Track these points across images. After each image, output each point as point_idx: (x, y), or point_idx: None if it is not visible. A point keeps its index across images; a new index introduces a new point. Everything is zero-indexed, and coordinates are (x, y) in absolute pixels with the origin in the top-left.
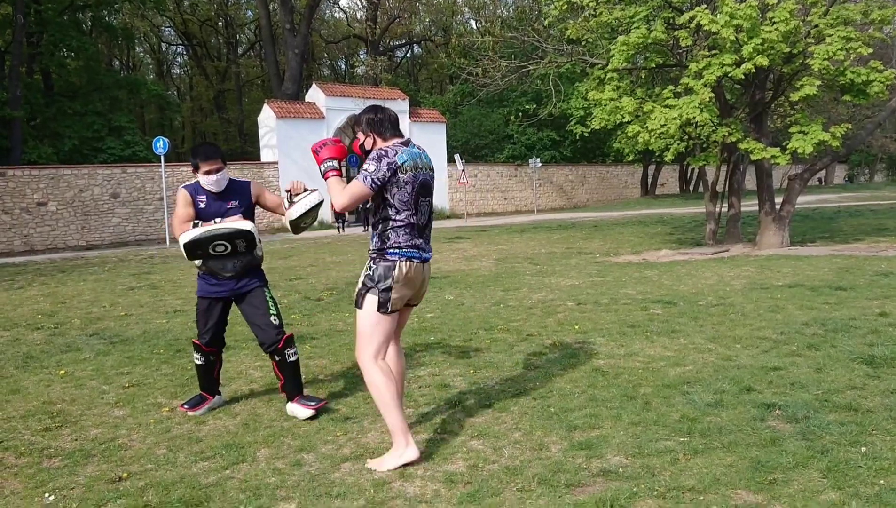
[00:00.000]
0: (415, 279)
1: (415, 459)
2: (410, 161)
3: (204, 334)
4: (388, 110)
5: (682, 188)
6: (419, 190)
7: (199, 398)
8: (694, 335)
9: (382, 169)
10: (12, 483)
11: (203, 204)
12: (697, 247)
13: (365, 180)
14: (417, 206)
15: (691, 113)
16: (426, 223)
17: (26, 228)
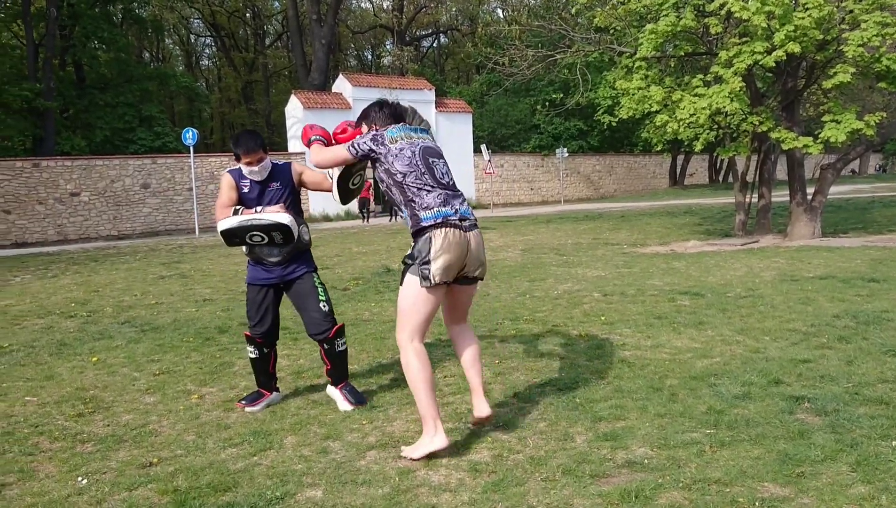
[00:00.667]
0: (459, 246)
1: (443, 447)
2: (401, 132)
3: (255, 324)
4: (395, 105)
5: (712, 178)
6: (423, 152)
7: (257, 394)
8: (722, 327)
9: (366, 139)
10: (47, 467)
11: (246, 189)
12: (726, 238)
13: (347, 146)
14: (428, 167)
15: (721, 102)
16: (451, 184)
17: (60, 218)
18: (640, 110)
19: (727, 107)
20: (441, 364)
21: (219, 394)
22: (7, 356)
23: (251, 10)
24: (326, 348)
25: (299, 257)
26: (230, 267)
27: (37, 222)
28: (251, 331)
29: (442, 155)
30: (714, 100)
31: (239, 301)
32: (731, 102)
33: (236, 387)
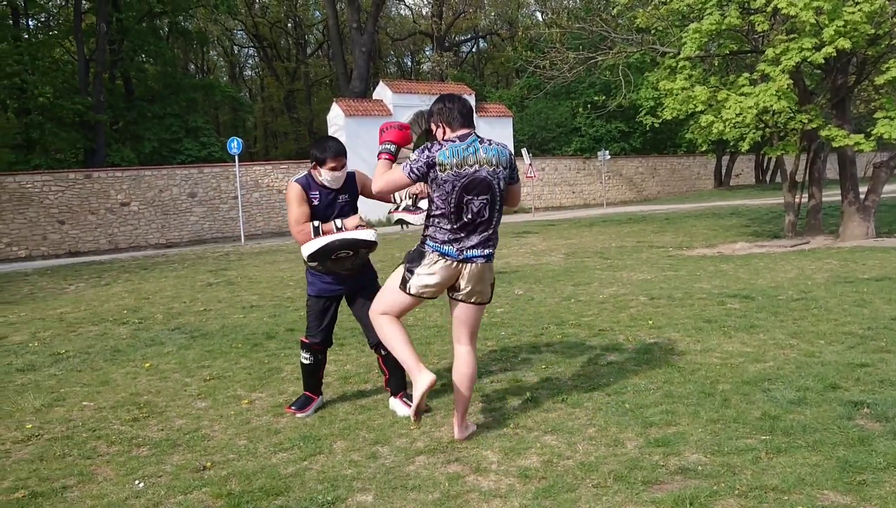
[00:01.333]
0: (446, 276)
1: (430, 381)
2: (453, 159)
3: (316, 333)
4: (459, 101)
5: (758, 179)
6: (464, 189)
7: (305, 398)
8: (774, 331)
9: (421, 161)
10: (105, 471)
11: (316, 200)
12: (776, 239)
13: (404, 169)
14: (461, 205)
15: (768, 101)
16: (478, 223)
17: (111, 227)
18: (684, 111)
19: (774, 105)
20: (486, 369)
21: (268, 399)
22: (64, 361)
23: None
24: (384, 354)
25: (365, 266)
26: (276, 274)
27: (89, 232)
28: (310, 338)
29: (490, 187)
30: (761, 98)
31: (285, 307)
32: (778, 101)
33: (285, 392)
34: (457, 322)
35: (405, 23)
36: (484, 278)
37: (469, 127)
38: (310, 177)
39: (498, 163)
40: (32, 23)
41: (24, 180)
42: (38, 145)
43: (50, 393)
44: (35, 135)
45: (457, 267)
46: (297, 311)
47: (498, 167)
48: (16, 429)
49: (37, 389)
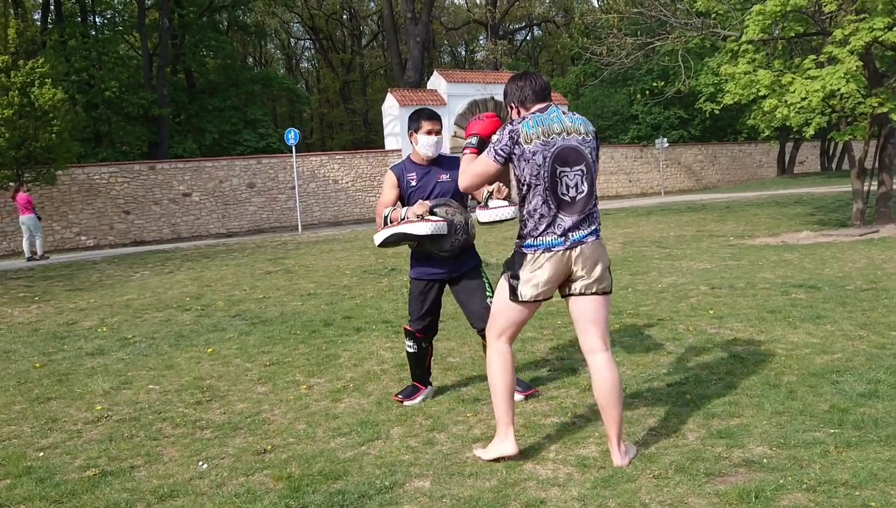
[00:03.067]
0: (557, 269)
1: (511, 454)
2: (538, 127)
3: (417, 319)
4: (531, 78)
5: (824, 166)
6: (555, 159)
7: (413, 388)
8: (842, 322)
9: (504, 139)
10: (170, 451)
11: (414, 181)
12: (842, 228)
13: (489, 154)
14: (555, 179)
15: (836, 84)
16: (577, 198)
17: (173, 217)
18: (747, 96)
19: (843, 88)
20: (542, 358)
21: (326, 385)
22: (131, 346)
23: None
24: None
25: (467, 251)
26: (332, 262)
27: (153, 222)
28: (412, 325)
29: (582, 156)
30: (828, 81)
31: (342, 295)
32: (846, 84)
33: (342, 378)
34: (583, 324)
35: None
36: (600, 260)
37: (546, 101)
38: (407, 161)
39: (587, 131)
40: (99, 20)
41: (92, 172)
42: (105, 138)
43: (118, 376)
44: (103, 128)
45: (566, 255)
46: (353, 299)
47: (587, 135)
48: (86, 410)
49: (105, 372)
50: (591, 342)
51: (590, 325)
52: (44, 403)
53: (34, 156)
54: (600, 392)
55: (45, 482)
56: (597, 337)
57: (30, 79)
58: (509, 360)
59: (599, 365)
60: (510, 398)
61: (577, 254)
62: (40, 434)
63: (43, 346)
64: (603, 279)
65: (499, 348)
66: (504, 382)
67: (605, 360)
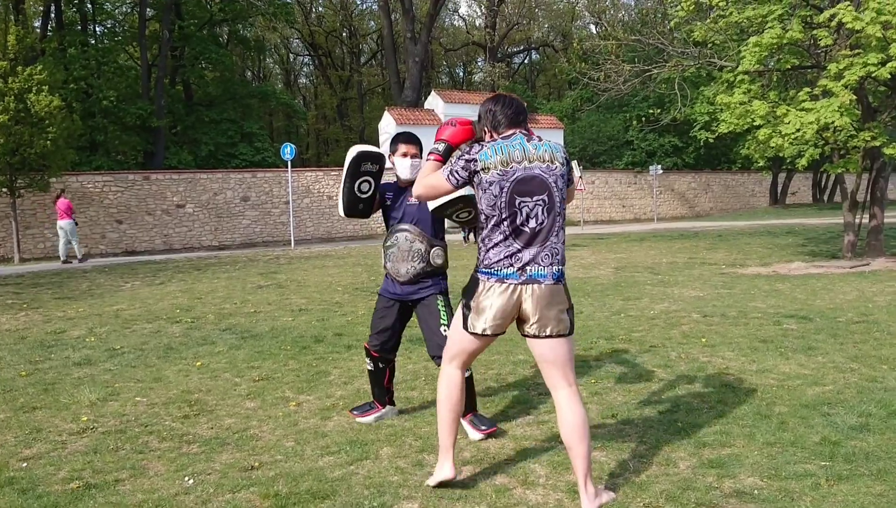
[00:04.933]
0: (504, 304)
1: (449, 478)
2: (496, 156)
3: (375, 335)
4: (505, 101)
5: (816, 197)
6: (513, 189)
7: (369, 405)
8: (833, 353)
9: (460, 164)
10: (156, 465)
11: (389, 201)
12: (834, 260)
13: (444, 172)
14: (513, 209)
15: (830, 116)
16: (537, 229)
17: (166, 228)
18: (742, 125)
19: (837, 121)
20: (534, 381)
21: (316, 402)
22: (119, 357)
23: (348, 29)
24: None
25: (428, 278)
26: (324, 278)
27: (145, 232)
28: (369, 342)
29: (545, 186)
30: (822, 114)
31: (333, 312)
32: (840, 117)
33: (332, 396)
34: (542, 364)
35: (458, 33)
36: (553, 302)
37: (517, 127)
38: (395, 181)
39: (552, 158)
40: (100, 29)
41: (86, 180)
42: (101, 147)
43: (105, 387)
44: (99, 137)
45: (517, 291)
46: (344, 316)
47: (553, 163)
48: (72, 421)
49: (92, 383)
50: (553, 380)
51: (548, 365)
52: (29, 412)
53: (28, 162)
54: (564, 430)
55: (28, 493)
56: (558, 377)
57: (27, 85)
58: (457, 386)
59: (562, 402)
60: (452, 424)
61: (529, 294)
62: (24, 444)
63: (29, 354)
64: (560, 322)
65: (448, 373)
66: (447, 407)
67: (568, 396)
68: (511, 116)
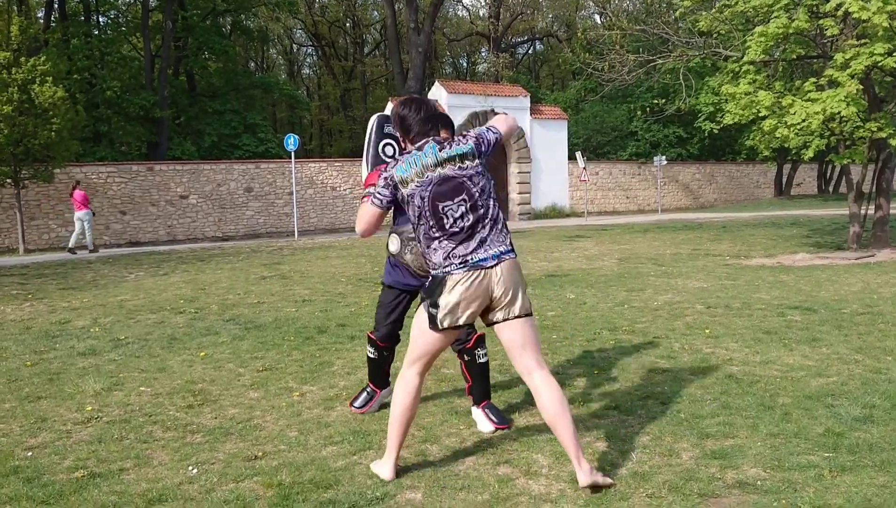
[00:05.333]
0: (475, 293)
1: (386, 479)
2: (412, 169)
3: (382, 327)
4: (415, 106)
5: (821, 189)
6: (433, 197)
7: (368, 395)
8: (838, 345)
9: (379, 185)
10: (160, 455)
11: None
12: (839, 251)
13: (371, 199)
14: (438, 215)
15: (836, 107)
16: (465, 227)
17: (170, 219)
18: (747, 116)
19: (843, 111)
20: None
21: (319, 392)
22: (124, 347)
23: (351, 19)
24: (466, 359)
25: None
26: (328, 269)
27: (149, 223)
28: (376, 334)
29: (462, 186)
30: (828, 104)
31: (336, 303)
32: (846, 107)
33: (335, 386)
34: (513, 350)
35: (462, 24)
36: (517, 282)
37: (430, 134)
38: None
39: (463, 157)
40: (103, 19)
41: (90, 172)
42: (104, 138)
43: (109, 377)
44: (103, 128)
45: (486, 276)
46: (347, 307)
47: (464, 162)
48: (77, 411)
49: (97, 373)
50: (525, 363)
51: (520, 349)
52: (34, 402)
53: (32, 153)
54: (544, 410)
55: (33, 482)
56: (530, 359)
57: (31, 76)
58: (412, 391)
59: (537, 384)
60: (401, 428)
61: (498, 277)
62: (29, 434)
63: (34, 344)
64: (524, 301)
65: (406, 377)
66: (400, 410)
67: (543, 377)
68: (420, 122)
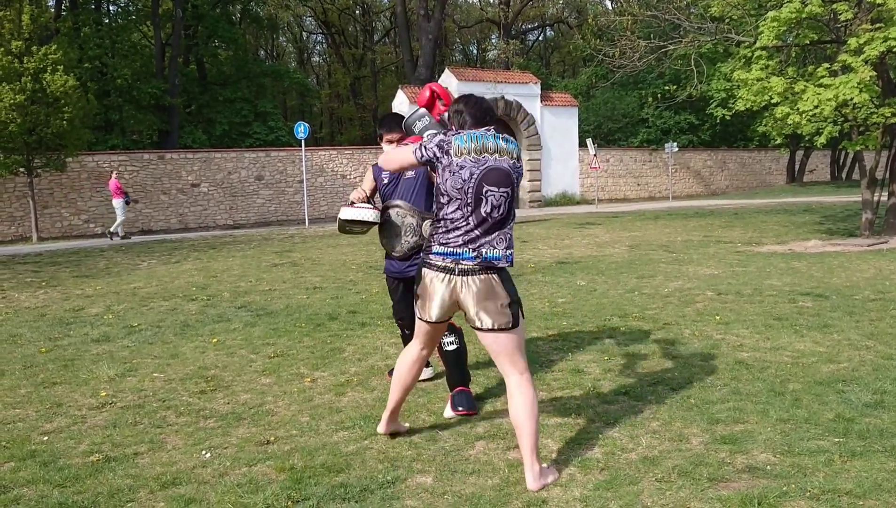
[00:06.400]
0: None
1: (381, 431)
2: (471, 143)
3: (395, 307)
4: (473, 101)
5: (834, 175)
6: (483, 178)
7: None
8: (849, 331)
9: (433, 143)
10: (174, 440)
11: (385, 180)
12: (851, 238)
13: (414, 148)
14: (479, 197)
15: (849, 93)
16: (498, 218)
17: (181, 207)
18: (759, 102)
19: (856, 98)
20: (547, 359)
21: (330, 378)
22: (137, 334)
23: (361, 7)
24: (444, 350)
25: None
26: (338, 257)
27: (161, 211)
28: (394, 313)
29: (510, 180)
30: (841, 91)
31: (347, 290)
32: (860, 93)
33: (346, 372)
34: (491, 353)
35: (472, 10)
36: (494, 297)
37: (485, 126)
38: None
39: (518, 156)
40: (113, 8)
41: (102, 160)
42: (116, 127)
43: (123, 364)
44: (114, 116)
45: (453, 281)
46: (358, 294)
47: (518, 161)
48: (91, 396)
49: (111, 359)
50: (503, 368)
51: (496, 356)
52: (49, 388)
53: (45, 142)
54: (512, 412)
55: (49, 465)
56: (506, 365)
57: (42, 65)
58: (408, 360)
59: (511, 388)
60: (401, 394)
61: (466, 287)
62: (45, 419)
63: (49, 331)
64: (501, 316)
65: (409, 348)
66: (401, 377)
67: (517, 383)
68: (478, 117)
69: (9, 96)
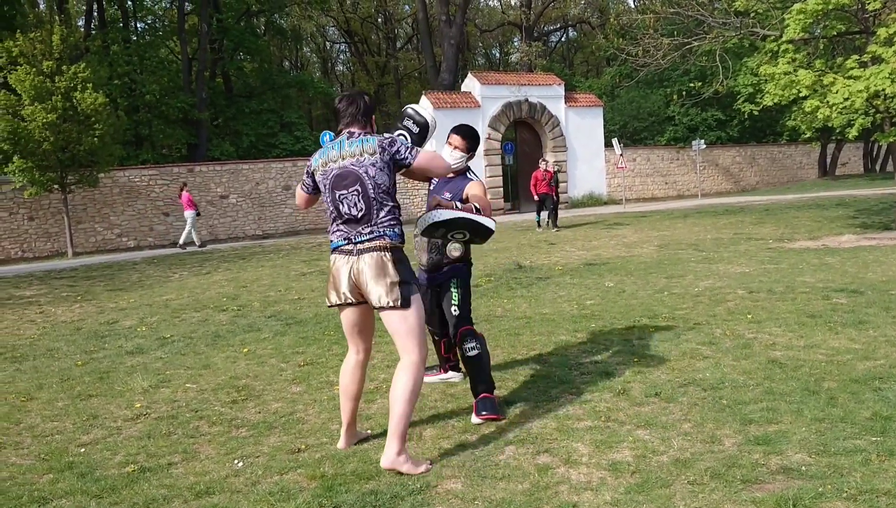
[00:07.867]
0: (345, 272)
1: (340, 447)
2: (320, 159)
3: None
4: (346, 100)
5: (867, 168)
6: (333, 185)
7: (436, 367)
8: (885, 327)
9: (304, 173)
10: (206, 449)
11: (432, 185)
12: (886, 231)
13: (300, 186)
14: (336, 202)
15: (880, 84)
16: (358, 215)
17: (211, 218)
18: (787, 96)
19: (887, 89)
20: (576, 361)
21: None
22: (169, 345)
23: (383, 14)
24: (459, 352)
25: (443, 267)
26: None
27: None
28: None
29: (357, 178)
30: (872, 82)
31: None
32: (891, 84)
33: (375, 379)
34: (390, 333)
35: (493, 14)
36: (383, 275)
37: (353, 126)
38: None
39: (362, 152)
40: (140, 25)
41: (133, 175)
42: (146, 141)
43: (156, 375)
44: (144, 131)
45: (351, 262)
46: None
47: (362, 156)
48: (126, 408)
49: (144, 371)
50: (398, 347)
51: (392, 335)
52: (85, 400)
53: (77, 159)
54: (391, 391)
55: (86, 476)
56: (400, 345)
57: (73, 84)
58: (346, 368)
59: (399, 368)
60: (344, 400)
61: (361, 266)
62: (82, 431)
63: (85, 344)
64: (389, 294)
65: (347, 358)
66: (342, 385)
67: (405, 365)
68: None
69: (41, 115)
